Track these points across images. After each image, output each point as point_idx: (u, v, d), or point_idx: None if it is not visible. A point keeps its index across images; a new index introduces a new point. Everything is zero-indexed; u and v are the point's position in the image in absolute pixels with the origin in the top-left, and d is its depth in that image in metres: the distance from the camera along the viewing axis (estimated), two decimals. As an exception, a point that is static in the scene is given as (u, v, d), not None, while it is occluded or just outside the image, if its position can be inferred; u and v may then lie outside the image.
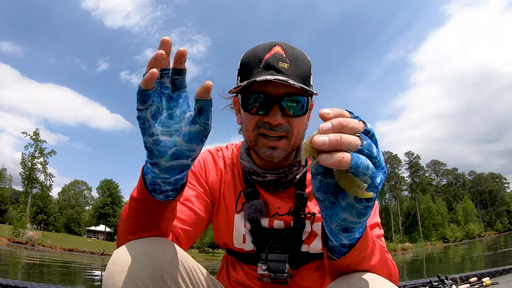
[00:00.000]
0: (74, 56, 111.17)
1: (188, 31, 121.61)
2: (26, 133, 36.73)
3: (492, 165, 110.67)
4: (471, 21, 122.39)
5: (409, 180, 70.85)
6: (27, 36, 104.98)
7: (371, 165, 0.45)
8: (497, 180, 76.57)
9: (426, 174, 74.32)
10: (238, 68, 0.90)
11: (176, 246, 0.72)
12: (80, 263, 16.31)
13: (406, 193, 71.74)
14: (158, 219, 0.69)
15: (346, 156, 0.43)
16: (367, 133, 0.47)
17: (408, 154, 71.61)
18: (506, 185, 76.09)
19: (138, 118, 0.57)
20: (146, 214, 0.67)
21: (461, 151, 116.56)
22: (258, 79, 0.76)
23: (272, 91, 0.81)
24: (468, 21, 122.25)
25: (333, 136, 0.43)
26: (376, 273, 0.65)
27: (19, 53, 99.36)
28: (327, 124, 0.44)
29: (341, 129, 0.44)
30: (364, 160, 0.44)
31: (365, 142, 0.45)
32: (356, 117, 0.47)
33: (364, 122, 0.47)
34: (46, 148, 38.35)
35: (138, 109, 0.57)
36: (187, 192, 0.92)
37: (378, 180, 0.47)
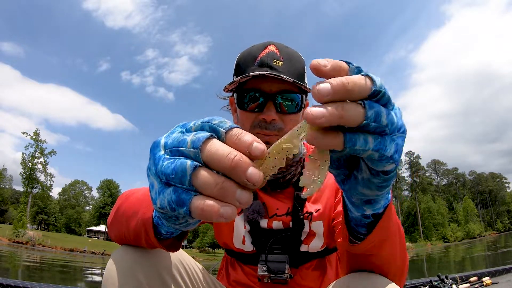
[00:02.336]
0: (75, 56, 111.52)
1: (189, 31, 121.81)
2: (27, 133, 36.87)
3: (493, 165, 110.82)
4: (471, 21, 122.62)
5: (409, 180, 70.97)
6: (28, 36, 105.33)
7: (370, 138, 0.35)
8: (497, 180, 76.61)
9: (427, 174, 74.36)
10: (234, 68, 0.91)
11: None
12: (80, 263, 16.32)
13: (406, 193, 71.88)
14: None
15: (340, 135, 0.34)
16: (377, 93, 0.35)
17: (409, 154, 71.68)
18: (507, 185, 76.17)
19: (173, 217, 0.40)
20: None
21: (461, 151, 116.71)
22: (251, 74, 0.77)
23: (266, 88, 0.81)
24: (468, 21, 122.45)
25: (334, 108, 0.33)
26: (395, 261, 0.61)
27: (19, 53, 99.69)
28: (326, 87, 0.33)
29: (344, 94, 0.33)
30: (360, 138, 0.35)
31: (370, 113, 0.34)
32: (358, 71, 0.36)
33: (371, 78, 0.35)
34: (46, 148, 38.53)
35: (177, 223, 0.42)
36: None
37: (391, 148, 0.37)
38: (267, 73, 0.76)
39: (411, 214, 65.55)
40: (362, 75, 0.35)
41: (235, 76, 0.89)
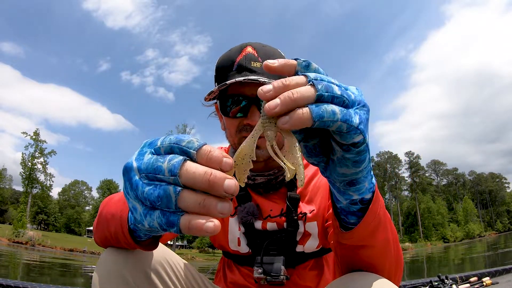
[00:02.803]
0: (75, 57, 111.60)
1: (189, 31, 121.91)
2: (26, 133, 36.83)
3: (492, 165, 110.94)
4: (471, 21, 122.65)
5: (409, 180, 71.00)
6: (28, 36, 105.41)
7: (337, 109, 0.38)
8: (497, 180, 76.63)
9: (426, 174, 74.41)
10: (214, 74, 0.89)
11: (160, 244, 0.72)
12: (80, 263, 16.32)
13: (406, 193, 71.92)
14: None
15: (305, 110, 0.36)
16: (314, 83, 0.38)
17: (408, 154, 71.69)
18: (506, 185, 76.21)
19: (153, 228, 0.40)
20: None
21: (461, 151, 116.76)
22: (228, 82, 0.76)
23: (247, 92, 0.80)
24: (468, 21, 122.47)
25: (286, 96, 0.37)
26: (389, 252, 0.61)
27: (20, 53, 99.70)
28: (268, 87, 0.38)
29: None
30: (326, 107, 0.37)
31: (320, 86, 0.38)
32: (306, 64, 0.41)
33: (314, 84, 0.38)
34: (46, 148, 38.49)
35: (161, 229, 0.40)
36: None
37: (356, 119, 0.39)
38: (244, 79, 0.75)
39: (411, 214, 65.58)
40: (301, 75, 0.39)
41: (216, 83, 0.88)
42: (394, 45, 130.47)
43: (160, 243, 0.73)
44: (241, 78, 0.76)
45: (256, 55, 0.82)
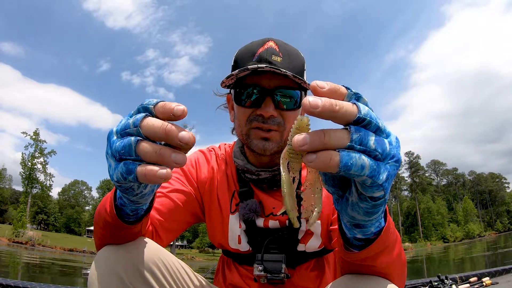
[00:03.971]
0: (75, 57, 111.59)
1: (190, 31, 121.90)
2: (26, 133, 36.84)
3: (492, 165, 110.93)
4: (471, 21, 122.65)
5: (409, 180, 70.95)
6: (28, 36, 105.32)
7: (367, 163, 0.36)
8: (497, 180, 76.61)
9: (426, 174, 74.38)
10: (232, 64, 0.89)
11: (153, 242, 0.74)
12: (80, 263, 16.31)
13: (406, 193, 71.88)
14: (131, 236, 0.68)
15: (334, 156, 0.35)
16: (361, 121, 0.37)
17: (408, 154, 71.67)
18: (506, 185, 76.19)
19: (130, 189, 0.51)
20: (119, 234, 0.67)
21: (461, 151, 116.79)
22: (250, 67, 0.76)
23: (265, 84, 0.81)
24: (468, 21, 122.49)
25: (316, 136, 0.35)
26: (393, 269, 0.60)
27: (20, 53, 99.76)
28: (316, 101, 0.35)
29: (332, 113, 0.35)
30: (357, 158, 0.35)
31: (355, 136, 0.36)
32: (356, 97, 0.39)
33: (357, 107, 0.37)
34: (46, 148, 38.46)
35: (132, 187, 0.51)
36: (175, 186, 0.91)
37: (383, 176, 0.38)
38: (266, 66, 0.75)
39: (411, 214, 65.56)
40: (351, 102, 0.37)
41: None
42: (394, 45, 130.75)
43: (154, 243, 0.74)
44: (263, 65, 0.76)
45: (278, 50, 0.82)
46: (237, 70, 0.79)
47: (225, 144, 1.06)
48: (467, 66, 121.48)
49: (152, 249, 0.71)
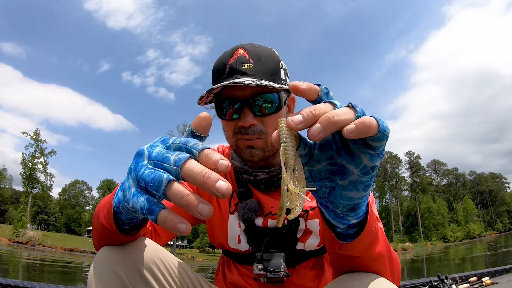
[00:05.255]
0: (76, 57, 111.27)
1: (190, 32, 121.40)
2: (27, 133, 36.81)
3: (493, 165, 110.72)
4: (472, 21, 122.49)
5: (409, 180, 70.86)
6: (29, 36, 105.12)
7: (388, 127, 0.42)
8: (497, 180, 76.54)
9: (427, 174, 74.29)
10: (211, 78, 0.91)
11: (152, 242, 0.75)
12: (80, 263, 16.32)
13: (406, 193, 71.75)
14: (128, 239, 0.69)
15: (372, 120, 0.40)
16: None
17: (409, 154, 71.64)
18: (507, 185, 76.09)
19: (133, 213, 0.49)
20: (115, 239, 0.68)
21: (461, 151, 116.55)
22: (214, 87, 0.78)
23: (239, 94, 0.82)
24: (468, 21, 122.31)
25: (324, 116, 0.40)
26: (384, 255, 0.63)
27: (21, 53, 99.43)
28: (298, 118, 0.40)
29: (313, 118, 0.40)
30: (382, 120, 0.41)
31: (358, 108, 0.42)
32: (326, 91, 0.46)
33: (333, 104, 0.43)
34: (46, 148, 38.46)
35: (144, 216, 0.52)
36: None
37: (383, 147, 0.44)
38: (228, 83, 0.77)
39: (411, 214, 65.50)
40: (326, 102, 0.43)
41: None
42: (394, 45, 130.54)
43: (153, 242, 0.76)
44: (226, 82, 0.77)
45: (248, 56, 0.83)
46: (205, 92, 0.81)
47: (223, 145, 1.07)
48: (467, 66, 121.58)
49: (152, 249, 0.72)
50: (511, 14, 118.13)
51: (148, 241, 0.74)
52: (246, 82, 0.77)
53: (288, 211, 0.42)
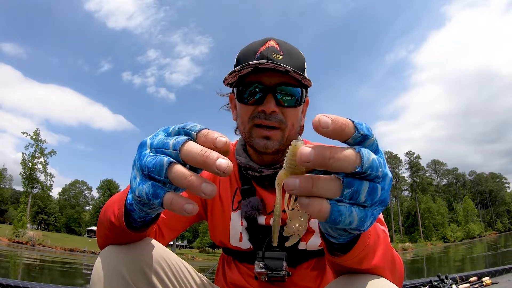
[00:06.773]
0: (76, 57, 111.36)
1: (191, 32, 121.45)
2: (27, 133, 36.75)
3: (493, 165, 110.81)
4: (472, 22, 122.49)
5: (409, 180, 70.89)
6: (29, 37, 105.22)
7: (356, 218, 0.37)
8: (497, 180, 76.58)
9: (427, 174, 74.32)
10: (234, 64, 0.90)
11: (156, 242, 0.75)
12: (80, 263, 16.33)
13: (406, 193, 71.80)
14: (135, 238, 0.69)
15: (324, 208, 0.35)
16: (360, 174, 0.36)
17: (409, 154, 71.64)
18: (507, 185, 76.17)
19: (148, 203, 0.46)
20: (124, 238, 0.67)
21: (461, 151, 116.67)
22: (251, 62, 0.78)
23: (266, 81, 0.82)
24: (468, 22, 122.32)
25: (304, 182, 0.35)
26: (382, 266, 0.62)
27: (21, 54, 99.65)
28: (306, 151, 0.35)
29: (324, 166, 0.35)
30: (346, 215, 0.36)
31: (347, 191, 0.36)
32: (362, 139, 0.37)
33: (361, 158, 0.35)
34: (46, 148, 38.41)
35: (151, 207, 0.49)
36: None
37: (368, 223, 0.39)
38: (267, 62, 0.77)
39: (411, 214, 65.50)
40: (355, 151, 0.36)
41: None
42: (395, 46, 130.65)
43: (158, 243, 0.75)
44: (265, 61, 0.77)
45: (279, 48, 0.84)
46: (239, 66, 0.80)
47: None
48: (467, 66, 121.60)
49: (156, 249, 0.72)
50: (511, 14, 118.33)
51: (153, 242, 0.73)
52: (284, 65, 0.77)
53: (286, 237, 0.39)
